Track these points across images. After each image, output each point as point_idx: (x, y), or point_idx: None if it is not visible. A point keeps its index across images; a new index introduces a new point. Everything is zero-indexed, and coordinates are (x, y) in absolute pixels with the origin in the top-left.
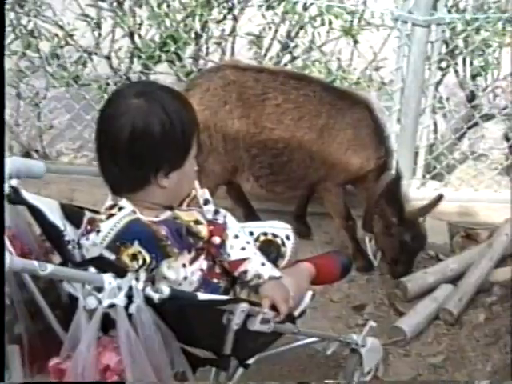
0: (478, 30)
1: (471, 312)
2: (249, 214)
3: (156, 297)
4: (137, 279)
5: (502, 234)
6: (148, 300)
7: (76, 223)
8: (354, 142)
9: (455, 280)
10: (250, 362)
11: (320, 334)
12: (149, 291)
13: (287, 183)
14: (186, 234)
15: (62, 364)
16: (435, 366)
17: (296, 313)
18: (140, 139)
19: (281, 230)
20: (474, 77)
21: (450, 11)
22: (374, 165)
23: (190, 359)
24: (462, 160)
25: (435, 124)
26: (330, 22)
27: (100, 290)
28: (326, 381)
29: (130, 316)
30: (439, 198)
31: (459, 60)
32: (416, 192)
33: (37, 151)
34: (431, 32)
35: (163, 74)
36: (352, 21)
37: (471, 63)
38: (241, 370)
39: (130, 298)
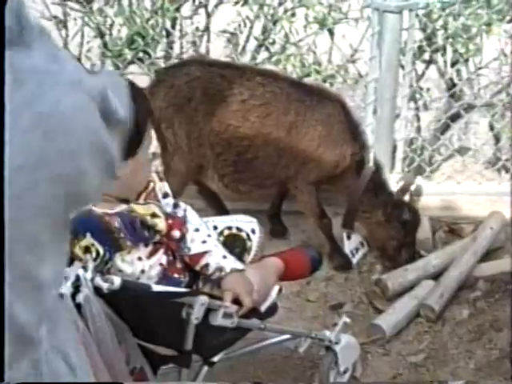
0: (458, 16)
1: (454, 308)
2: (221, 215)
3: (105, 286)
4: (85, 269)
5: (486, 228)
6: (98, 290)
7: None
8: (326, 138)
9: (438, 277)
10: (214, 359)
11: (289, 331)
12: (98, 281)
13: (252, 181)
14: (141, 227)
15: None
16: (416, 364)
17: (262, 308)
18: None
19: (246, 223)
20: (453, 64)
21: None
22: (349, 161)
23: (149, 357)
24: (448, 156)
25: (418, 117)
26: (307, 16)
27: None
28: (301, 382)
29: (79, 307)
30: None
31: (438, 47)
32: (396, 186)
33: None
34: (408, 19)
35: (138, 75)
36: (329, 13)
37: (454, 50)
38: (206, 368)
39: (77, 287)
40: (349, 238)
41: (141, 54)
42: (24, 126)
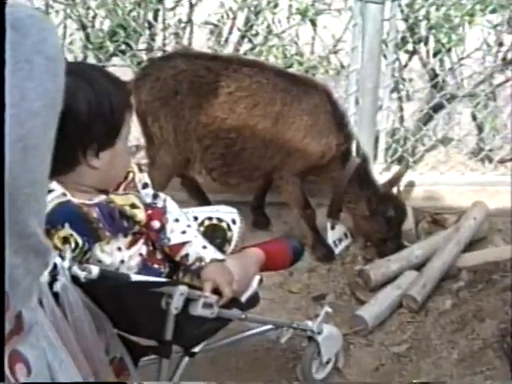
0: (440, 6)
1: (437, 298)
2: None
3: (82, 275)
4: (62, 258)
5: (469, 218)
6: (76, 279)
7: None
8: (312, 128)
9: (421, 267)
10: (195, 350)
11: (271, 321)
12: (75, 270)
13: (241, 174)
14: (120, 218)
15: None
16: (399, 355)
17: (243, 298)
18: (65, 117)
19: (226, 214)
20: (435, 54)
21: None
22: (335, 152)
23: (130, 348)
24: (431, 146)
25: (400, 107)
26: (290, 7)
27: None
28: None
29: (57, 296)
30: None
31: (420, 37)
32: (379, 177)
33: None
34: (390, 9)
35: (121, 67)
36: (312, 4)
37: (437, 40)
38: (186, 359)
39: (55, 276)
40: (333, 228)
41: (123, 46)
42: (38, 70)
